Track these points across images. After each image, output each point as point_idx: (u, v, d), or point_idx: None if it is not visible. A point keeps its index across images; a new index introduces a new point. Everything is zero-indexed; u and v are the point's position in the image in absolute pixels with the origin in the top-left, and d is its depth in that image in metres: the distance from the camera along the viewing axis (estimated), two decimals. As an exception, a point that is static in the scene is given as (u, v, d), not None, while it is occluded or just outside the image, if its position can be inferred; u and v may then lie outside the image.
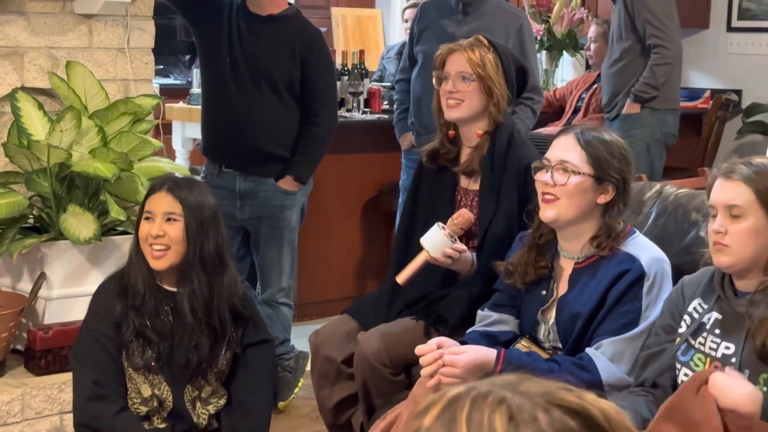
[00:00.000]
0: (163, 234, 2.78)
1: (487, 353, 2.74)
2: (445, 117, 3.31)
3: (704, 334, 2.47)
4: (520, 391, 1.02)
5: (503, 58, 3.29)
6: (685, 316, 2.53)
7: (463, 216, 3.16)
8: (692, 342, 2.49)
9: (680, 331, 2.53)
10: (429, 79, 4.69)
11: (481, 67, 3.24)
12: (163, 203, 2.81)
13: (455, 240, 3.13)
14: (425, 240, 3.13)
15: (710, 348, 2.45)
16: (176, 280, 2.83)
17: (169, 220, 2.80)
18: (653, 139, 5.51)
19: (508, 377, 1.05)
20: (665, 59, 5.40)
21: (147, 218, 2.82)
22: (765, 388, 2.34)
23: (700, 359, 2.46)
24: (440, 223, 3.14)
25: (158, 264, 2.80)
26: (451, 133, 3.36)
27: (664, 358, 2.55)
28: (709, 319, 2.47)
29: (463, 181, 3.35)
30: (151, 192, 2.87)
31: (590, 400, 1.03)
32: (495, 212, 3.21)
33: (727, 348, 2.42)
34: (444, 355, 2.68)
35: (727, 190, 2.41)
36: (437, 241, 3.12)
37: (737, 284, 2.46)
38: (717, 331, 2.45)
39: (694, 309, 2.52)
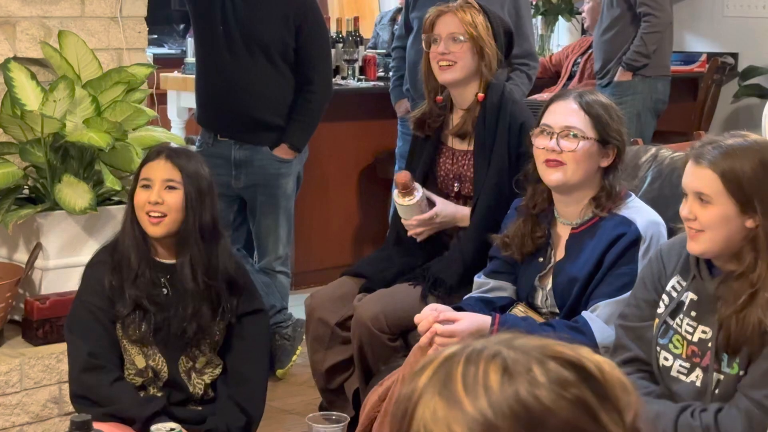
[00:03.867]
0: (162, 201, 2.76)
1: (483, 319, 2.74)
2: (438, 80, 3.30)
3: (681, 316, 2.42)
4: (515, 346, 1.03)
5: (492, 20, 3.28)
6: (664, 296, 2.47)
7: (397, 177, 3.24)
8: (670, 322, 2.44)
9: (658, 311, 2.47)
10: (424, 46, 4.71)
11: (473, 27, 3.23)
12: (163, 171, 2.79)
13: (415, 201, 3.19)
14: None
15: (686, 331, 2.40)
16: (174, 250, 2.82)
17: (168, 187, 2.78)
18: (644, 107, 5.58)
19: (502, 335, 1.06)
20: (655, 27, 5.43)
21: (145, 186, 2.81)
22: (741, 372, 2.31)
23: (678, 341, 2.42)
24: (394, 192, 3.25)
25: (155, 230, 2.78)
26: (439, 98, 3.35)
27: (646, 337, 2.48)
28: (686, 297, 2.42)
29: (456, 143, 3.35)
30: (147, 159, 2.84)
31: (584, 353, 1.04)
32: (487, 171, 3.22)
33: (704, 332, 2.37)
34: (439, 328, 2.69)
35: (696, 177, 2.32)
36: (401, 211, 3.25)
37: (714, 261, 2.39)
38: (693, 314, 2.40)
39: (673, 288, 2.45)
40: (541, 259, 2.89)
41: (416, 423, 1.01)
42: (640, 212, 2.79)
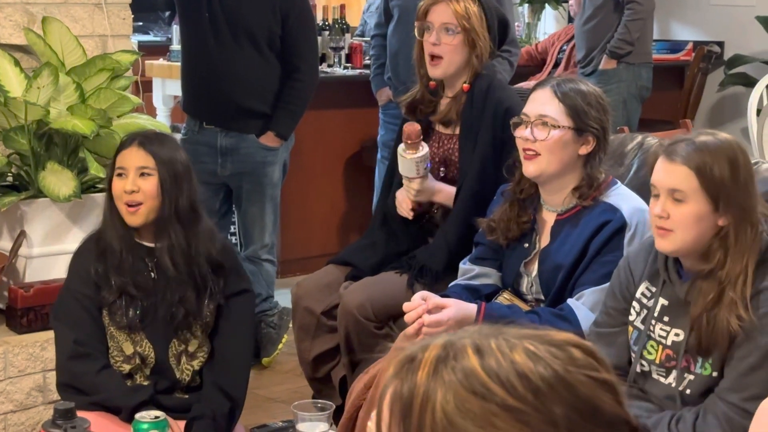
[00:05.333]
0: (138, 189, 2.76)
1: (469, 307, 2.74)
2: (429, 74, 3.28)
3: (653, 321, 2.42)
4: (512, 332, 1.02)
5: (487, 10, 3.25)
6: (634, 303, 2.47)
7: (406, 126, 3.18)
8: (642, 329, 2.44)
9: (630, 318, 2.47)
10: (405, 34, 4.69)
11: (466, 19, 3.20)
12: (136, 158, 2.78)
13: (417, 156, 3.15)
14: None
15: (660, 336, 2.41)
16: (153, 235, 2.82)
17: (142, 175, 2.77)
18: (629, 94, 5.63)
19: (488, 328, 1.04)
20: (638, 15, 5.49)
21: (119, 174, 2.80)
22: (715, 373, 2.32)
23: (652, 346, 2.42)
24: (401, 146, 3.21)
25: (134, 220, 2.78)
26: (432, 84, 3.33)
27: (618, 343, 2.48)
28: (656, 303, 2.42)
29: (442, 128, 3.34)
30: (121, 148, 2.83)
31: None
32: (473, 155, 3.21)
33: (677, 335, 2.38)
34: (427, 319, 2.68)
35: (670, 174, 2.31)
36: (400, 164, 3.21)
37: (683, 262, 2.39)
38: (665, 318, 2.40)
39: (642, 294, 2.46)
40: (527, 245, 2.89)
41: (430, 419, 0.98)
42: (625, 199, 2.79)
